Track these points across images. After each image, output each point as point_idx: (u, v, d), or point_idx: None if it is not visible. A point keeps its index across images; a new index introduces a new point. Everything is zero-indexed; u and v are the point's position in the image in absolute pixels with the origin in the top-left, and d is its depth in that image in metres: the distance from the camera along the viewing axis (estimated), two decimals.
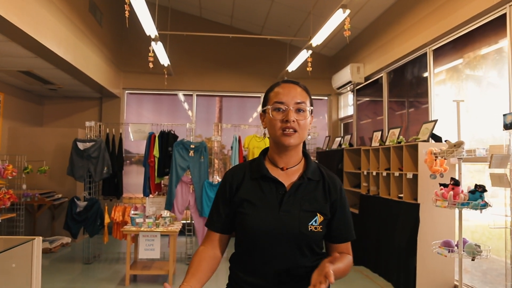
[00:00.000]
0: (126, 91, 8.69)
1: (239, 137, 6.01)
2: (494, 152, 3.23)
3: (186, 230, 5.93)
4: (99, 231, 5.72)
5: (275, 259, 1.39)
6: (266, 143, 5.92)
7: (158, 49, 6.31)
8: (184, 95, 8.90)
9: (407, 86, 6.09)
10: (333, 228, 1.49)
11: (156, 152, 5.78)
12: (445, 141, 3.75)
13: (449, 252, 3.65)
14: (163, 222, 4.89)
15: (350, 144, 6.91)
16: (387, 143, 5.33)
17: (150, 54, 5.67)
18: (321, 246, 1.51)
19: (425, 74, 5.40)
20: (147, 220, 4.85)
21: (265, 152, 1.56)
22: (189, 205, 5.74)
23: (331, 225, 1.48)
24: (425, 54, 5.31)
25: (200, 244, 1.57)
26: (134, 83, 8.57)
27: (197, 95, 8.83)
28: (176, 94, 8.90)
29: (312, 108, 1.51)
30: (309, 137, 6.49)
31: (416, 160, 4.44)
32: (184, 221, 5.99)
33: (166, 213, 5.00)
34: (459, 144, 3.58)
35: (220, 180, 5.81)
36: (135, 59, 8.31)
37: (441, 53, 5.08)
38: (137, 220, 4.81)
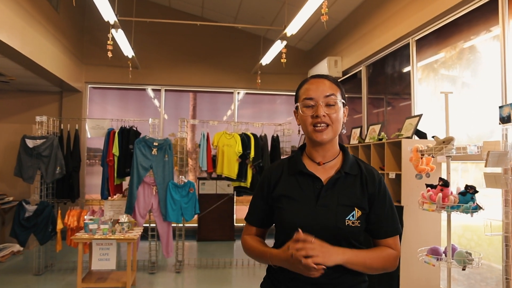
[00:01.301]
0: (89, 85, 8.07)
1: (208, 134, 5.54)
2: (489, 149, 2.87)
3: (150, 235, 5.42)
4: (51, 238, 5.14)
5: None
6: (237, 140, 5.42)
7: (120, 38, 5.78)
8: (152, 90, 8.34)
9: (387, 80, 5.73)
10: (372, 222, 1.47)
11: (115, 150, 5.24)
12: (433, 137, 3.38)
13: (437, 260, 3.29)
14: (120, 229, 4.38)
15: None
16: (366, 140, 4.96)
17: (109, 42, 5.13)
18: (361, 241, 1.48)
19: (408, 67, 5.05)
20: (101, 226, 4.32)
21: (303, 147, 1.58)
22: (152, 209, 5.23)
23: (369, 219, 1.47)
24: (408, 45, 4.95)
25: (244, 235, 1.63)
26: (97, 76, 7.97)
27: (165, 90, 8.29)
28: (144, 89, 8.34)
29: (344, 101, 1.49)
30: (344, 131, 6.05)
31: (399, 158, 4.06)
32: (147, 225, 5.47)
33: (124, 218, 4.48)
34: (448, 140, 3.21)
35: (186, 181, 5.33)
36: (98, 50, 7.71)
37: (425, 43, 4.73)
38: (91, 227, 4.28)
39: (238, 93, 8.51)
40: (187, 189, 5.27)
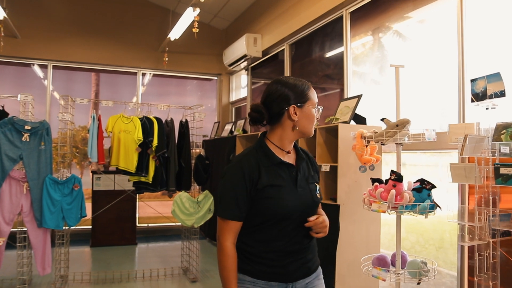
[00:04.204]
0: None
1: (99, 117, 4.43)
2: (457, 134, 2.26)
3: (19, 247, 4.20)
4: None
5: (301, 228, 1.66)
6: (137, 125, 4.39)
7: None
8: (38, 65, 6.90)
9: (315, 60, 5.09)
10: None
11: None
12: (382, 120, 2.72)
13: (387, 272, 2.65)
14: None
15: (244, 131, 5.76)
16: None
17: None
18: None
19: (340, 47, 4.43)
20: None
21: (262, 137, 1.73)
22: (21, 212, 4.02)
23: None
24: (341, 18, 4.31)
25: (226, 239, 1.64)
26: None
27: (54, 66, 6.90)
28: (28, 65, 6.86)
29: None
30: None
31: (335, 147, 3.38)
32: (17, 229, 4.24)
33: None
34: (403, 124, 2.56)
35: (70, 176, 4.19)
36: None
37: (361, 15, 4.12)
38: None
39: (144, 74, 7.41)
40: (70, 186, 4.14)
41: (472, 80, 2.25)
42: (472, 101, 2.22)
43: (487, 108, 2.16)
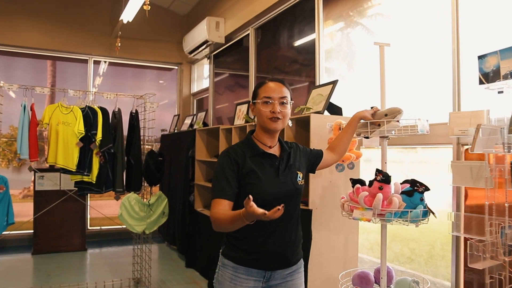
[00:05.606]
0: None
1: (32, 106, 3.77)
2: (458, 125, 1.81)
3: None
4: None
5: (282, 217, 1.54)
6: (78, 116, 3.55)
7: None
8: None
9: (282, 47, 4.59)
10: (318, 163, 2.08)
11: None
12: (371, 108, 2.24)
13: None
14: None
15: (205, 124, 5.21)
16: None
17: None
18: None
19: (311, 28, 3.95)
20: None
21: (249, 134, 1.92)
22: None
23: (314, 165, 2.08)
24: None
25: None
26: None
27: None
28: None
29: (292, 101, 1.88)
30: (290, 123, 4.52)
31: (306, 141, 2.89)
32: None
33: None
34: (393, 113, 2.09)
35: None
36: None
37: None
38: None
39: (97, 62, 6.71)
40: None
41: (480, 57, 1.80)
42: (481, 82, 1.77)
43: (499, 92, 1.72)
